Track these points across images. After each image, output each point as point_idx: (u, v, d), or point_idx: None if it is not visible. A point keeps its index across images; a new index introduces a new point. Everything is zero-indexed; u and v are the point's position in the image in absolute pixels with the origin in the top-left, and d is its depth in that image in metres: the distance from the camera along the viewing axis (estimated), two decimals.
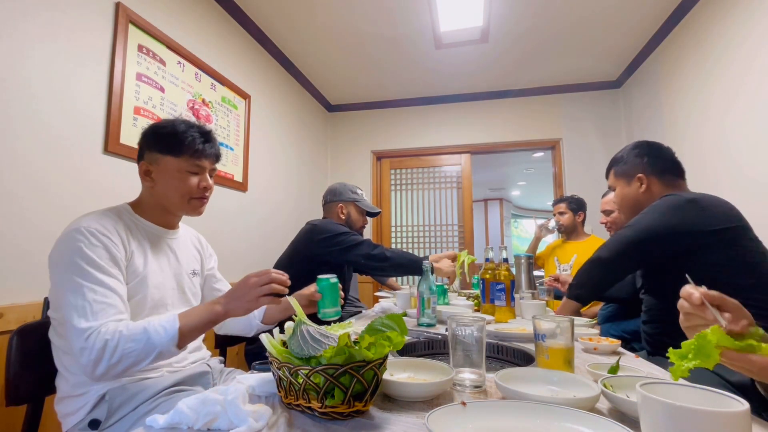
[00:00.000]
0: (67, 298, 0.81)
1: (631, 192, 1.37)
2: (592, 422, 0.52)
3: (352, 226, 1.97)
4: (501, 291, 1.47)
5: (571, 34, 2.81)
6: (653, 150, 1.36)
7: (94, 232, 0.88)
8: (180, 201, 1.01)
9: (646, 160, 1.34)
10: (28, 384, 0.92)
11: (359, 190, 2.05)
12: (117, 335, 0.79)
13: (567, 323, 0.79)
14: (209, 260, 1.23)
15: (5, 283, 1.25)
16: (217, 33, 2.36)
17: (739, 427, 0.42)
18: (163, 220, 1.06)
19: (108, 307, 0.82)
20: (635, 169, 1.36)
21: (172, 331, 0.83)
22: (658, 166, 1.33)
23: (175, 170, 0.99)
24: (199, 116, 2.15)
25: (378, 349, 0.60)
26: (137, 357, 0.80)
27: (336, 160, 4.10)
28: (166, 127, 1.01)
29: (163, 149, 0.99)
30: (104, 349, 0.77)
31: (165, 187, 1.00)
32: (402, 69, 3.31)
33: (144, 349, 0.80)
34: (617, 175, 1.43)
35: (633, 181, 1.36)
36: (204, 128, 1.04)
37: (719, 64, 2.21)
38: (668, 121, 2.76)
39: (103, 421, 0.85)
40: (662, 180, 1.32)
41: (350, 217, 1.98)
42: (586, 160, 3.57)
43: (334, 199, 1.99)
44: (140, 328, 0.82)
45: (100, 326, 0.79)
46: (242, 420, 0.57)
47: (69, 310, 0.80)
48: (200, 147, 1.00)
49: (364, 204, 2.01)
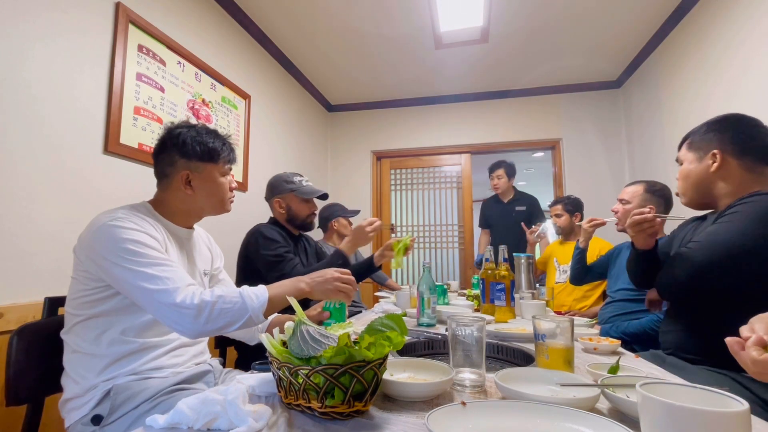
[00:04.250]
0: (134, 278, 0.84)
1: (700, 169, 1.17)
2: (592, 422, 0.52)
3: (296, 219, 1.78)
4: (501, 291, 1.47)
5: (571, 34, 2.81)
6: (742, 125, 1.14)
7: (132, 225, 0.90)
8: (221, 203, 1.09)
9: (729, 135, 1.13)
10: (28, 384, 0.92)
11: (297, 176, 1.82)
12: (215, 295, 0.86)
13: (567, 323, 0.79)
14: (217, 260, 1.25)
15: (5, 283, 1.25)
16: (217, 33, 2.36)
17: (739, 427, 0.42)
18: (183, 221, 1.08)
19: (178, 274, 0.88)
20: (711, 145, 1.15)
21: (263, 298, 0.90)
22: (741, 145, 1.12)
23: (216, 176, 1.06)
24: (199, 116, 2.15)
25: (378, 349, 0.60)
26: (232, 317, 0.86)
27: (336, 160, 4.10)
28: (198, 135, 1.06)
29: (203, 157, 1.04)
30: (203, 305, 0.84)
31: (207, 193, 1.05)
32: (402, 69, 3.31)
33: (239, 311, 0.87)
34: (690, 147, 1.22)
35: (705, 157, 1.16)
36: (219, 133, 1.10)
37: (719, 64, 2.21)
38: (668, 121, 2.76)
39: (105, 417, 0.85)
40: (742, 162, 1.11)
41: (291, 210, 1.78)
42: (586, 160, 3.57)
43: (272, 195, 1.81)
44: (236, 292, 0.89)
45: (187, 285, 0.86)
46: (242, 420, 0.57)
47: (142, 286, 0.84)
48: (229, 152, 1.09)
49: (303, 191, 1.77)
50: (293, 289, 0.98)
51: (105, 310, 0.91)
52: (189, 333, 0.85)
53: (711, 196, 1.18)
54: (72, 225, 1.44)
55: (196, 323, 0.83)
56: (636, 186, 1.90)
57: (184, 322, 0.84)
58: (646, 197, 1.85)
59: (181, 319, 0.83)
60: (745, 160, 1.12)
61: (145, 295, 0.84)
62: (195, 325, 0.84)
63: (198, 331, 0.85)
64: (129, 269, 0.85)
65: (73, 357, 0.91)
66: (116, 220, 0.89)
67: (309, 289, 0.99)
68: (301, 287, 0.99)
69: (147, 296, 0.84)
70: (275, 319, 1.24)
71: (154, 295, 0.83)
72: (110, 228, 0.87)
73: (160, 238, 0.95)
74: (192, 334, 0.85)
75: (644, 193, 1.86)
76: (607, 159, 3.54)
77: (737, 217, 1.03)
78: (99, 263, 0.87)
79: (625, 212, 1.88)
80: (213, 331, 0.87)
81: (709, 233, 1.07)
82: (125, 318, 0.92)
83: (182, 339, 1.02)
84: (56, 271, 1.38)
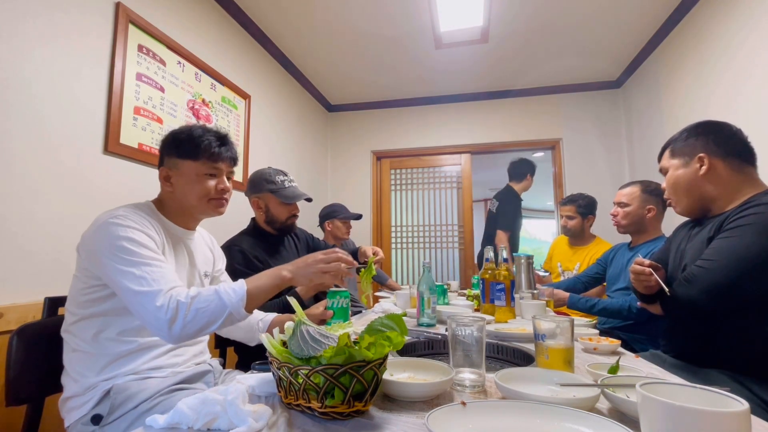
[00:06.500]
0: (121, 278, 0.84)
1: (688, 174, 1.18)
2: (592, 422, 0.52)
3: (275, 222, 1.66)
4: (501, 291, 1.47)
5: (571, 34, 2.81)
6: (721, 129, 1.18)
7: (131, 223, 0.90)
8: (198, 203, 1.04)
9: (712, 138, 1.16)
10: (28, 384, 0.92)
11: (281, 176, 1.67)
12: (189, 296, 0.84)
13: (567, 323, 0.79)
14: (219, 261, 1.25)
15: (5, 283, 1.25)
16: (217, 33, 2.36)
17: (739, 427, 0.42)
18: (183, 222, 1.08)
19: (165, 277, 0.86)
20: (695, 149, 1.17)
21: (241, 292, 0.87)
22: (724, 147, 1.15)
23: (194, 174, 1.03)
24: (199, 116, 2.15)
25: (378, 349, 0.60)
26: (210, 316, 0.84)
27: (336, 160, 4.10)
28: (183, 132, 1.05)
29: (181, 154, 1.02)
30: (178, 308, 0.82)
31: (183, 190, 1.03)
32: (402, 69, 3.31)
33: (216, 308, 0.84)
34: (673, 154, 1.24)
35: (692, 161, 1.18)
36: (220, 133, 1.08)
37: (719, 64, 2.21)
38: (668, 121, 2.76)
39: (105, 417, 0.86)
40: (727, 163, 1.14)
41: (269, 211, 1.65)
42: (586, 160, 3.57)
43: (250, 193, 1.68)
44: (211, 290, 0.86)
45: (169, 289, 0.84)
46: (242, 420, 0.57)
47: (127, 287, 0.83)
48: (216, 150, 1.04)
49: (282, 194, 1.62)
50: (274, 277, 0.93)
51: (103, 310, 0.91)
52: (167, 338, 0.83)
53: (704, 200, 1.18)
54: (72, 225, 1.44)
55: (174, 328, 0.81)
56: (632, 187, 1.90)
57: (162, 327, 0.81)
58: (644, 198, 1.85)
59: (158, 324, 0.81)
60: (730, 161, 1.14)
61: (129, 297, 0.83)
62: (173, 329, 0.81)
63: (176, 335, 0.82)
64: (118, 269, 0.84)
65: (72, 356, 0.91)
66: (115, 218, 0.89)
67: (291, 275, 0.94)
68: (283, 275, 0.94)
69: (131, 297, 0.83)
70: (276, 319, 1.24)
71: (137, 297, 0.82)
72: (108, 225, 0.88)
73: (157, 239, 0.95)
74: (171, 339, 0.83)
75: (642, 194, 1.86)
76: (606, 159, 3.53)
77: (750, 230, 1.01)
78: (95, 260, 0.88)
79: (625, 215, 1.88)
80: (194, 333, 0.83)
81: (724, 249, 1.05)
82: (122, 319, 0.92)
83: None
84: (56, 271, 1.38)
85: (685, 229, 1.30)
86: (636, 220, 1.86)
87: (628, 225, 1.89)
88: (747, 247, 1.00)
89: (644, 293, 1.22)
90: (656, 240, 1.83)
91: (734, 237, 1.04)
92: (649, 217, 1.84)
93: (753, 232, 1.00)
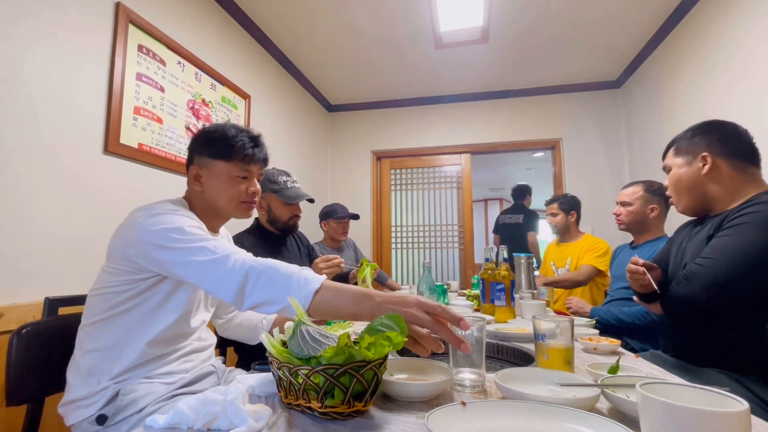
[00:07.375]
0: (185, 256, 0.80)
1: (691, 172, 1.18)
2: (592, 422, 0.52)
3: (277, 222, 1.69)
4: (501, 291, 1.47)
5: (571, 34, 2.81)
6: (726, 128, 1.17)
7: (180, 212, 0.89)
8: (228, 205, 1.02)
9: (716, 138, 1.16)
10: (29, 384, 0.92)
11: (284, 176, 1.71)
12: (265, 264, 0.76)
13: (567, 323, 0.79)
14: None
15: (5, 283, 1.25)
16: (217, 33, 2.36)
17: (739, 427, 0.42)
18: (209, 222, 1.05)
19: (225, 246, 0.82)
20: (699, 148, 1.17)
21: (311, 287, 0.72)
22: (728, 147, 1.14)
23: (225, 175, 1.01)
24: (199, 116, 2.15)
25: (378, 349, 0.60)
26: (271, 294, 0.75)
27: (336, 160, 4.10)
28: (217, 131, 1.02)
29: (213, 154, 1.01)
30: (249, 272, 0.75)
31: (214, 191, 1.01)
32: (402, 69, 3.31)
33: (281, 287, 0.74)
34: (677, 152, 1.24)
35: (695, 160, 1.18)
36: (252, 132, 1.05)
37: (719, 64, 2.21)
38: (668, 121, 2.76)
39: (110, 418, 0.85)
40: (731, 163, 1.14)
41: (271, 210, 1.69)
42: (586, 160, 3.57)
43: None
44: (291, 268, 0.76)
45: (236, 252, 0.79)
46: (242, 420, 0.57)
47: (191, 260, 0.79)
48: (250, 152, 1.02)
49: (285, 194, 1.66)
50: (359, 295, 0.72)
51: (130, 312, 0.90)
52: (234, 300, 0.76)
53: (706, 199, 1.18)
54: (72, 225, 1.44)
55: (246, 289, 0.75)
56: (634, 187, 1.91)
57: (230, 288, 0.75)
58: (647, 197, 1.86)
59: (232, 288, 0.75)
60: (733, 161, 1.14)
61: (195, 270, 0.80)
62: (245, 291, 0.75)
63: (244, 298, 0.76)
64: (179, 249, 0.81)
65: (87, 356, 0.89)
66: (159, 209, 0.88)
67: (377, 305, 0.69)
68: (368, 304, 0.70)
69: (198, 269, 0.79)
70: (278, 318, 1.24)
71: (206, 266, 0.78)
72: (155, 216, 0.86)
73: (202, 226, 0.93)
74: (242, 304, 0.77)
75: (645, 194, 1.86)
76: (607, 159, 3.54)
77: (749, 228, 1.01)
78: (145, 251, 0.84)
79: (628, 214, 1.89)
80: (256, 303, 0.76)
81: (723, 246, 1.05)
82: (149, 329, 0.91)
83: (194, 344, 1.01)
84: (56, 271, 1.38)
85: (687, 229, 1.30)
86: (638, 219, 1.87)
87: (630, 224, 1.90)
88: (746, 245, 1.00)
89: (641, 292, 1.24)
90: (658, 240, 1.84)
91: (733, 235, 1.04)
92: (652, 217, 1.85)
93: (752, 230, 1.01)
